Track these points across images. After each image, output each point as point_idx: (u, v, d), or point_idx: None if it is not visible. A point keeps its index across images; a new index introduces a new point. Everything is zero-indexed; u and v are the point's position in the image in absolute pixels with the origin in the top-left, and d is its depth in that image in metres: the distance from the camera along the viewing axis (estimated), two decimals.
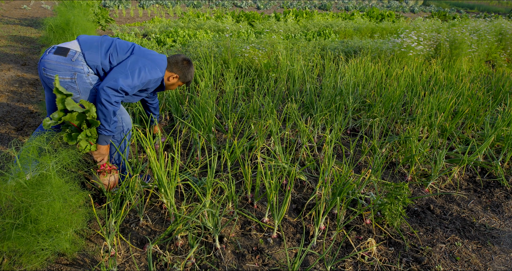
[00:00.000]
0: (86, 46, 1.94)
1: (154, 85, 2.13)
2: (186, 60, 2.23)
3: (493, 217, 2.29)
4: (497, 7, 19.31)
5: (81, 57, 1.90)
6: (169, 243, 1.92)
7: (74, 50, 1.89)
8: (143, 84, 2.02)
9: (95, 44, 1.97)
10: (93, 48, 1.95)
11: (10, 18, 9.34)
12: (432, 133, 2.88)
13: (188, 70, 2.23)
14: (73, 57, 1.87)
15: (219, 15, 9.63)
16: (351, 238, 2.03)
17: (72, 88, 1.91)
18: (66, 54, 1.87)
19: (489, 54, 6.18)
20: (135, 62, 1.97)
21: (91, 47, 1.95)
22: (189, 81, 2.31)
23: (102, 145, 2.01)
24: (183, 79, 2.26)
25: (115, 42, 2.04)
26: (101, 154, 2.04)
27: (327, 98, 3.41)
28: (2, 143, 2.88)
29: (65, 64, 1.87)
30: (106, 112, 1.89)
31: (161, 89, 2.29)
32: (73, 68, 1.87)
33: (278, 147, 2.51)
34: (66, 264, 1.76)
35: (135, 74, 1.94)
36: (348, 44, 5.94)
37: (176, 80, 2.25)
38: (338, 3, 17.90)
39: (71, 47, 1.90)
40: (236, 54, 4.63)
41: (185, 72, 2.23)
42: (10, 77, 4.46)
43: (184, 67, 2.21)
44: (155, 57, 2.10)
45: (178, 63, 2.20)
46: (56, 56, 1.86)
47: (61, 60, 1.86)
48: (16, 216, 1.60)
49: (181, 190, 2.35)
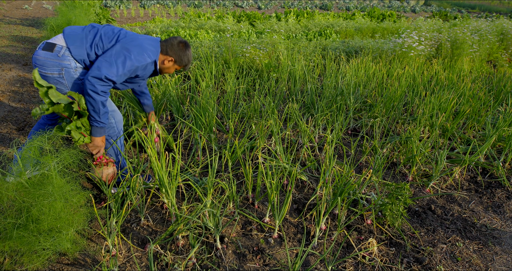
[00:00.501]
0: (70, 40, 1.89)
1: (145, 71, 2.04)
2: (183, 42, 2.11)
3: (495, 217, 2.28)
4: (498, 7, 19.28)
5: (68, 52, 1.86)
6: (170, 243, 1.92)
7: (60, 45, 1.86)
8: (130, 71, 1.94)
9: (79, 37, 1.91)
10: (77, 42, 1.90)
11: (12, 18, 9.35)
12: (433, 133, 2.88)
13: (184, 53, 2.11)
14: (60, 52, 1.85)
15: (220, 15, 9.63)
16: (352, 238, 2.03)
17: (61, 83, 1.90)
18: (53, 49, 1.85)
19: (491, 54, 6.17)
20: (120, 50, 1.90)
21: (76, 40, 1.90)
22: (186, 65, 2.19)
23: (96, 137, 1.97)
24: (179, 63, 2.15)
25: (101, 31, 1.97)
26: (96, 146, 2.01)
27: (328, 99, 3.41)
28: (3, 142, 2.88)
29: (53, 60, 1.85)
30: (94, 103, 1.84)
31: (156, 74, 2.18)
32: (60, 64, 1.85)
33: (279, 147, 2.51)
34: (67, 264, 1.76)
35: (119, 62, 1.86)
36: (349, 44, 5.94)
37: (172, 63, 2.14)
38: (339, 3, 17.89)
39: (57, 43, 1.87)
40: (237, 54, 4.63)
41: (181, 55, 2.11)
42: (11, 77, 4.47)
43: (180, 50, 2.10)
44: (143, 41, 2.00)
45: (174, 46, 2.08)
46: (44, 52, 1.85)
47: (49, 56, 1.84)
48: (18, 215, 1.61)
49: (182, 190, 2.35)
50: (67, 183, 1.72)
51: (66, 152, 1.80)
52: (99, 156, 2.06)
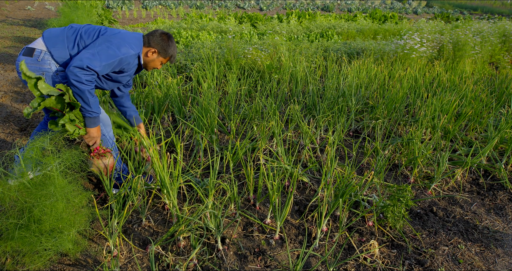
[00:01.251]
0: (51, 43, 1.87)
1: (129, 65, 2.00)
2: (165, 33, 2.08)
3: (497, 219, 2.28)
4: (500, 8, 19.25)
5: (48, 55, 1.84)
6: (171, 244, 1.92)
7: (39, 50, 1.83)
8: (113, 63, 1.89)
9: (60, 39, 1.88)
10: (58, 44, 1.87)
11: (14, 19, 9.40)
12: (435, 135, 2.87)
13: (167, 44, 2.07)
14: (39, 57, 1.83)
15: (222, 16, 9.65)
16: (353, 240, 2.03)
17: None
18: (32, 54, 1.82)
19: (493, 56, 6.16)
20: (103, 42, 1.88)
21: (57, 43, 1.87)
22: (171, 56, 2.14)
23: (90, 128, 1.94)
24: (163, 54, 2.09)
25: (81, 30, 1.94)
26: (92, 137, 1.98)
27: (330, 100, 3.41)
28: (6, 143, 2.89)
29: (32, 65, 1.82)
30: (81, 94, 1.80)
31: (141, 68, 2.15)
32: (40, 68, 1.83)
33: (281, 148, 2.51)
34: (68, 265, 1.76)
35: (102, 53, 1.83)
36: (351, 46, 5.94)
37: (156, 55, 2.09)
38: (341, 4, 17.90)
39: (37, 47, 1.84)
40: (239, 55, 4.63)
41: (163, 45, 2.06)
42: (14, 78, 4.49)
43: (162, 40, 2.06)
44: (126, 35, 1.98)
45: (156, 37, 2.05)
46: (24, 58, 1.83)
47: (28, 61, 1.82)
48: (20, 216, 1.61)
49: (184, 191, 2.36)
50: (69, 183, 1.73)
51: (68, 153, 1.80)
52: (96, 147, 2.03)
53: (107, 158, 2.06)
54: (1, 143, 2.88)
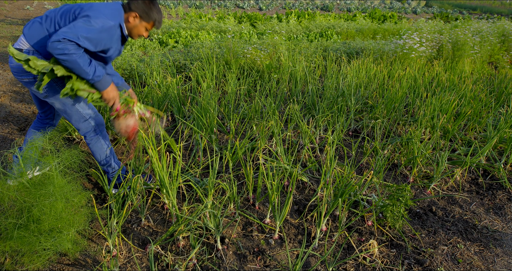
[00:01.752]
0: (34, 41, 1.78)
1: (112, 38, 1.89)
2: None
3: (496, 219, 2.28)
4: (500, 8, 19.27)
5: (37, 54, 1.79)
6: (170, 244, 1.92)
7: (26, 49, 1.78)
8: (94, 38, 1.77)
9: (42, 34, 1.79)
10: (42, 40, 1.78)
11: (13, 18, 9.38)
12: (434, 135, 2.88)
13: (149, 7, 1.95)
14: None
15: (221, 16, 9.64)
16: (352, 239, 2.03)
17: None
18: None
19: (492, 56, 6.17)
20: (80, 19, 1.78)
21: (40, 39, 1.78)
22: (155, 21, 2.01)
23: (103, 90, 1.89)
24: (146, 19, 1.97)
25: (57, 16, 1.82)
26: (110, 98, 1.94)
27: (329, 100, 3.41)
28: (5, 143, 2.89)
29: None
30: (72, 64, 1.72)
31: (125, 39, 2.03)
32: None
33: (280, 148, 2.51)
34: (68, 264, 1.76)
35: (78, 26, 1.72)
36: (350, 46, 5.94)
37: (138, 20, 1.96)
38: (340, 4, 17.90)
39: (23, 47, 1.78)
40: (238, 55, 4.63)
41: (145, 9, 1.94)
42: (13, 77, 4.48)
43: (144, 3, 1.95)
44: (102, 7, 1.86)
45: (138, 1, 1.95)
46: (13, 59, 1.77)
47: (20, 63, 1.76)
48: (19, 216, 1.61)
49: (183, 190, 2.35)
50: (68, 183, 1.73)
51: (67, 152, 1.80)
52: (116, 107, 1.96)
53: (128, 118, 2.00)
54: (0, 143, 2.87)
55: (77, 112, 1.99)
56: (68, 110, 1.97)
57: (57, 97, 1.91)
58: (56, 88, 1.88)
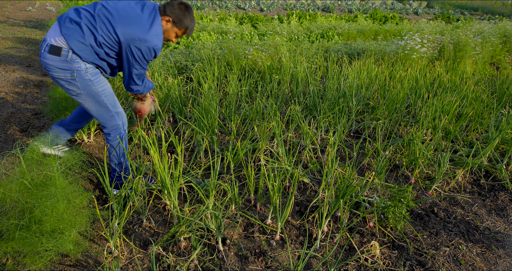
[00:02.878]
0: (72, 43, 1.80)
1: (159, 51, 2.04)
2: (183, 3, 1.98)
3: (498, 220, 2.27)
4: (501, 9, 19.24)
5: (75, 55, 1.82)
6: (172, 245, 1.92)
7: (66, 49, 1.80)
8: (148, 63, 2.03)
9: (80, 39, 1.81)
10: (81, 48, 1.82)
11: (15, 20, 9.41)
12: (436, 136, 2.87)
13: (183, 14, 1.97)
14: (67, 56, 1.81)
15: (223, 17, 9.65)
16: (354, 241, 2.03)
17: (73, 85, 1.90)
18: (60, 54, 1.80)
19: (494, 57, 6.16)
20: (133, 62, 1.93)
21: (78, 47, 1.81)
22: (187, 28, 2.03)
23: None
24: (179, 25, 1.99)
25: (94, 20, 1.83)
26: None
27: (330, 101, 3.41)
28: (7, 143, 2.90)
29: (62, 64, 1.82)
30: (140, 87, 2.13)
31: None
32: (70, 67, 1.83)
33: (281, 149, 2.51)
34: (69, 265, 1.76)
35: (141, 74, 2.03)
36: (352, 46, 5.94)
37: (171, 25, 1.99)
38: (341, 5, 17.90)
39: (63, 46, 1.80)
40: (240, 56, 4.64)
41: (179, 15, 1.96)
42: (15, 78, 4.49)
43: (179, 9, 1.96)
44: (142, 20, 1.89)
45: (172, 5, 1.97)
46: (52, 56, 1.81)
47: (57, 60, 1.81)
48: (21, 216, 1.61)
49: (184, 191, 2.35)
50: (70, 184, 1.73)
51: (69, 153, 1.80)
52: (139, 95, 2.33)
53: (143, 102, 2.34)
54: (2, 144, 2.88)
55: (107, 111, 2.06)
56: (99, 109, 2.03)
57: (89, 95, 1.96)
58: (90, 86, 1.93)
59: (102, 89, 1.98)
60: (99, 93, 1.97)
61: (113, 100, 2.07)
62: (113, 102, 2.08)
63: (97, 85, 1.95)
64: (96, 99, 1.98)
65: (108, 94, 2.03)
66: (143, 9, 1.92)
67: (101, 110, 2.04)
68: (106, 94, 2.01)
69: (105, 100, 2.02)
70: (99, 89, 1.96)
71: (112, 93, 2.08)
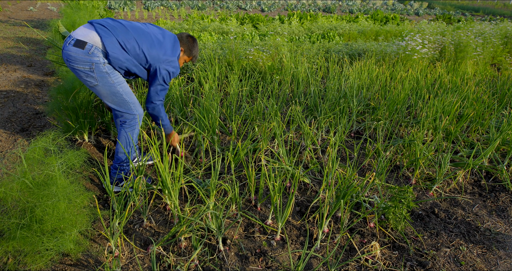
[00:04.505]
0: (109, 49, 2.02)
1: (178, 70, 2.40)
2: (191, 36, 2.44)
3: (499, 221, 2.27)
4: (502, 10, 19.23)
5: (98, 50, 2.00)
6: (172, 245, 1.92)
7: (91, 44, 1.98)
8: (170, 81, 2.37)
9: (119, 53, 2.06)
10: (116, 59, 2.06)
11: (17, 19, 9.43)
12: (437, 136, 2.87)
13: (192, 45, 2.44)
14: (90, 50, 1.98)
15: (224, 17, 9.66)
16: (354, 241, 2.03)
17: (91, 76, 2.04)
18: (84, 47, 1.98)
19: (495, 58, 6.15)
20: (157, 85, 2.26)
21: (115, 58, 2.05)
22: (194, 56, 2.50)
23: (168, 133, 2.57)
24: (188, 53, 2.45)
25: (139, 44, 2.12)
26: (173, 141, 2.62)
27: (331, 101, 3.41)
28: (7, 143, 2.90)
29: (84, 56, 1.98)
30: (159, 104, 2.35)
31: None
32: (91, 60, 2.00)
33: (282, 149, 2.51)
34: (70, 265, 1.76)
35: (161, 95, 2.33)
36: (353, 47, 5.94)
37: (182, 53, 2.43)
38: (342, 5, 17.90)
39: (88, 41, 1.99)
40: (241, 56, 4.64)
41: (189, 46, 2.43)
42: (16, 78, 4.50)
43: (188, 41, 2.42)
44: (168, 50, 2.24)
45: (183, 39, 2.41)
46: (75, 49, 1.98)
47: (80, 52, 1.98)
48: (22, 216, 1.62)
49: (185, 191, 2.36)
50: (71, 183, 1.73)
51: (70, 153, 1.81)
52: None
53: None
54: (3, 143, 2.89)
55: (123, 101, 2.19)
56: (114, 99, 2.17)
57: (105, 86, 2.10)
58: (106, 78, 2.07)
59: (118, 81, 2.12)
60: (115, 84, 2.11)
61: (128, 91, 2.21)
62: (129, 93, 2.21)
63: (113, 77, 2.10)
64: (112, 90, 2.12)
65: (124, 85, 2.17)
66: (165, 37, 2.27)
67: (116, 101, 2.18)
68: (122, 86, 2.15)
69: (121, 91, 2.15)
70: (115, 81, 2.11)
71: (127, 86, 2.21)
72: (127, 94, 2.19)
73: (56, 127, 3.04)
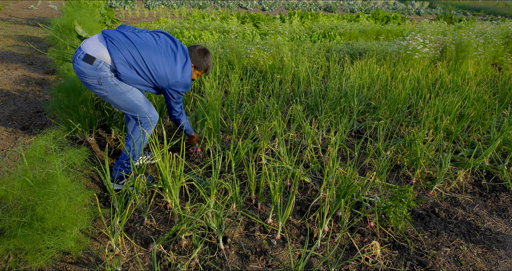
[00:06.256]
0: (117, 62, 2.03)
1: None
2: (202, 49, 2.38)
3: (499, 221, 2.27)
4: (504, 9, 19.19)
5: (106, 66, 2.04)
6: (173, 243, 1.93)
7: (99, 60, 2.02)
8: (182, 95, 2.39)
9: (128, 69, 2.08)
10: (125, 74, 2.07)
11: (18, 18, 9.43)
12: (438, 136, 2.87)
13: (202, 59, 2.36)
14: (98, 66, 2.02)
15: (224, 16, 9.65)
16: (355, 240, 2.03)
17: (100, 89, 2.09)
18: (92, 62, 2.01)
19: (496, 57, 6.15)
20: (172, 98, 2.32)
21: (124, 73, 2.06)
22: (206, 69, 2.44)
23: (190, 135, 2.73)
24: (199, 68, 2.39)
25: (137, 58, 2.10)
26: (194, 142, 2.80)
27: (332, 100, 3.40)
28: (8, 141, 2.90)
29: (92, 71, 2.03)
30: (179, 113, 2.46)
31: None
32: (98, 75, 2.04)
33: (283, 148, 2.51)
34: (71, 263, 1.77)
35: (179, 107, 2.41)
36: (353, 46, 5.93)
37: (193, 69, 2.39)
38: (343, 5, 17.88)
39: (97, 57, 2.01)
40: (241, 55, 4.64)
41: (199, 60, 2.36)
42: (17, 76, 4.50)
43: (199, 56, 2.35)
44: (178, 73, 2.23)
45: (194, 53, 2.35)
46: (84, 63, 2.03)
47: (88, 67, 2.02)
48: (23, 214, 1.62)
49: (186, 190, 2.36)
50: (72, 182, 1.73)
51: (72, 151, 1.81)
52: None
53: None
54: (4, 141, 2.89)
55: (136, 106, 2.23)
56: (126, 105, 2.21)
57: (115, 95, 2.14)
58: (115, 88, 2.10)
59: (126, 89, 2.15)
60: (124, 92, 2.14)
61: (139, 96, 2.24)
62: (139, 97, 2.24)
63: (121, 86, 2.13)
64: (122, 98, 2.16)
65: (133, 91, 2.19)
66: (177, 55, 2.23)
67: (129, 107, 2.23)
68: (131, 92, 2.18)
69: (131, 97, 2.18)
70: (124, 89, 2.14)
71: (137, 90, 2.23)
72: (138, 100, 2.22)
73: (57, 125, 3.04)
